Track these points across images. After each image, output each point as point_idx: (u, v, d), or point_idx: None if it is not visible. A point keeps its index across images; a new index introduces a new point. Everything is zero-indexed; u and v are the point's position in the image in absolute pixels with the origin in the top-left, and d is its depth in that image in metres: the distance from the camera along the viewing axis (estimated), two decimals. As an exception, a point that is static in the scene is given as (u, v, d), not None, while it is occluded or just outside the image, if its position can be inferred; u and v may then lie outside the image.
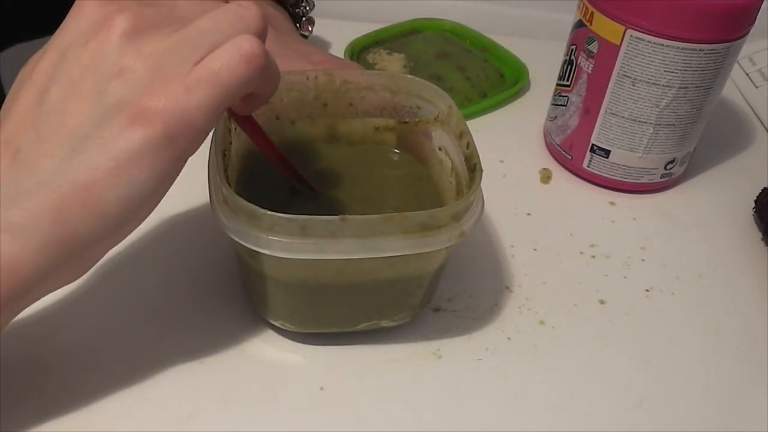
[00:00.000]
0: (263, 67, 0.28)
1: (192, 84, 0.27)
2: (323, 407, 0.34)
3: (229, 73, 0.27)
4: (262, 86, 0.30)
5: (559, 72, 0.50)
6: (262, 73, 0.28)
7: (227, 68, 0.27)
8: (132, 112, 0.26)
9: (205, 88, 0.27)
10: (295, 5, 0.57)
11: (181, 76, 0.27)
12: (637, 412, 0.36)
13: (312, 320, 0.36)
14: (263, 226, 0.30)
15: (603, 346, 0.39)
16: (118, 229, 0.29)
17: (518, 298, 0.41)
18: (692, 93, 0.45)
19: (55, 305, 0.37)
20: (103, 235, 0.28)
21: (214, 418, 0.33)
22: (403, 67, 0.58)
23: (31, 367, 0.34)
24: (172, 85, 0.27)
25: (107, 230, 0.28)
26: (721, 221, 0.49)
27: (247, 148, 0.39)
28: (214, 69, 0.27)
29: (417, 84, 0.40)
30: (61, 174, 0.27)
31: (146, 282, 0.39)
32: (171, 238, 0.42)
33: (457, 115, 0.38)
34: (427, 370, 0.37)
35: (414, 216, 0.31)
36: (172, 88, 0.27)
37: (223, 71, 0.27)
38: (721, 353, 0.39)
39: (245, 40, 0.27)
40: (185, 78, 0.27)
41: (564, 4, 0.54)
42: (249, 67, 0.27)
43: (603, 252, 0.45)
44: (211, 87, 0.27)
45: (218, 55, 0.27)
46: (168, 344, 0.36)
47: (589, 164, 0.50)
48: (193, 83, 0.27)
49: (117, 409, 0.33)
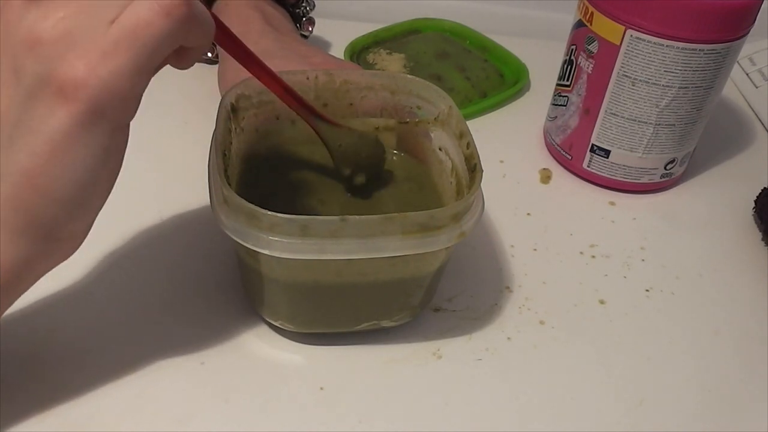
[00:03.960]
0: (186, 18, 0.25)
1: (108, 47, 0.24)
2: (323, 407, 0.34)
3: (146, 29, 0.25)
4: (192, 38, 0.27)
5: (559, 72, 0.50)
6: (187, 25, 0.25)
7: (144, 24, 0.24)
8: (53, 89, 0.25)
9: (123, 49, 0.24)
10: (295, 5, 0.57)
11: (96, 40, 0.24)
12: (637, 412, 0.36)
13: (312, 320, 0.36)
14: (263, 226, 0.30)
15: (603, 346, 0.39)
16: (81, 208, 0.27)
17: (518, 298, 0.41)
18: (692, 93, 0.45)
19: (54, 305, 0.37)
20: (67, 216, 0.27)
21: (214, 418, 0.33)
22: (403, 67, 0.58)
23: (31, 367, 0.34)
24: (88, 52, 0.24)
25: (69, 212, 0.27)
26: (721, 221, 0.49)
27: (248, 149, 0.39)
28: (130, 27, 0.24)
29: (417, 84, 0.40)
30: (7, 163, 0.26)
31: (146, 282, 0.39)
32: (171, 238, 0.42)
33: (457, 116, 0.38)
34: (427, 370, 0.37)
35: (414, 216, 0.31)
36: (89, 55, 0.24)
37: (140, 28, 0.24)
38: (721, 353, 0.39)
39: None
40: (101, 41, 0.24)
41: (564, 4, 0.54)
42: (169, 19, 0.25)
43: (603, 252, 0.45)
44: (129, 48, 0.25)
45: (133, 10, 0.25)
46: (168, 344, 0.36)
47: (589, 164, 0.50)
48: (110, 46, 0.24)
49: (117, 410, 0.33)
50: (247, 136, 0.39)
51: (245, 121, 0.38)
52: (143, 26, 0.25)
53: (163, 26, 0.25)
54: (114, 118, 0.26)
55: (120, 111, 0.26)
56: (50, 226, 0.27)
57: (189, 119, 0.51)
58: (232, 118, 0.37)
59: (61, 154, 0.25)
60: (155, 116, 0.51)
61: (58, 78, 0.24)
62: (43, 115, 0.25)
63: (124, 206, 0.41)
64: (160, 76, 0.28)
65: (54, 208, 0.26)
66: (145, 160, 0.47)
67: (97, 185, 0.27)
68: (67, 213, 0.27)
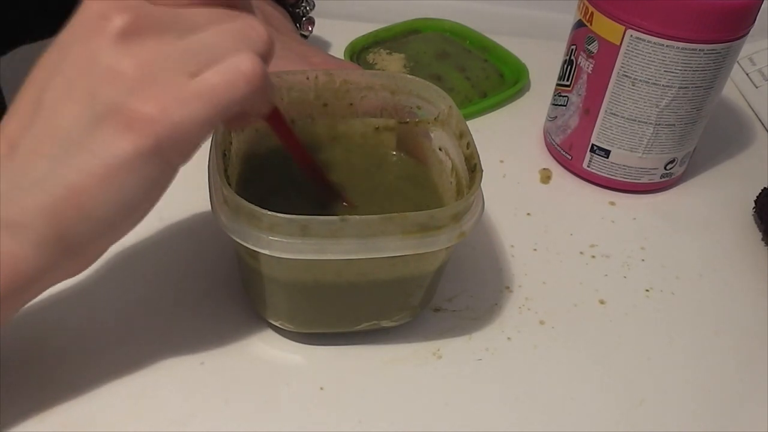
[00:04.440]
0: (261, 89, 0.27)
1: (188, 97, 0.26)
2: (323, 407, 0.34)
3: (226, 90, 0.27)
4: (256, 106, 0.29)
5: (559, 72, 0.50)
6: (260, 95, 0.28)
7: (225, 85, 0.27)
8: (123, 119, 0.26)
9: (200, 102, 0.26)
10: (295, 5, 0.57)
11: (176, 87, 0.26)
12: (637, 412, 0.36)
13: (312, 320, 0.36)
14: (263, 226, 0.30)
15: (603, 346, 0.39)
16: (112, 231, 0.29)
17: (518, 298, 0.41)
18: (692, 93, 0.45)
19: (55, 305, 0.37)
20: (97, 236, 0.28)
21: (214, 419, 0.33)
22: (403, 67, 0.58)
23: (31, 367, 0.34)
24: (166, 94, 0.26)
25: (100, 232, 0.28)
26: (721, 221, 0.49)
27: (248, 149, 0.39)
28: (212, 84, 0.26)
29: (417, 84, 0.40)
30: (54, 176, 0.27)
31: (146, 282, 0.39)
32: (171, 238, 0.42)
33: (457, 116, 0.38)
34: (427, 370, 0.37)
35: (414, 216, 0.31)
36: (166, 97, 0.26)
37: (221, 88, 0.26)
38: (721, 353, 0.39)
39: (247, 59, 0.27)
40: (181, 89, 0.26)
41: (564, 4, 0.54)
42: (247, 86, 0.27)
43: (603, 252, 0.45)
44: (206, 102, 0.26)
45: (218, 71, 0.27)
46: (168, 344, 0.36)
47: (589, 164, 0.50)
48: (189, 96, 0.26)
49: (117, 410, 0.33)
50: (247, 136, 0.39)
51: (245, 121, 0.38)
52: (223, 87, 0.27)
53: (242, 91, 0.27)
54: (171, 158, 0.27)
55: (178, 154, 0.28)
56: (77, 243, 0.28)
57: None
58: (232, 118, 0.37)
59: (113, 179, 0.27)
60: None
61: (130, 110, 0.26)
62: (106, 141, 0.26)
63: (124, 206, 0.41)
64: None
65: (88, 227, 0.27)
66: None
67: (133, 214, 0.29)
68: (98, 233, 0.28)
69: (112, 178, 0.26)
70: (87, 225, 0.27)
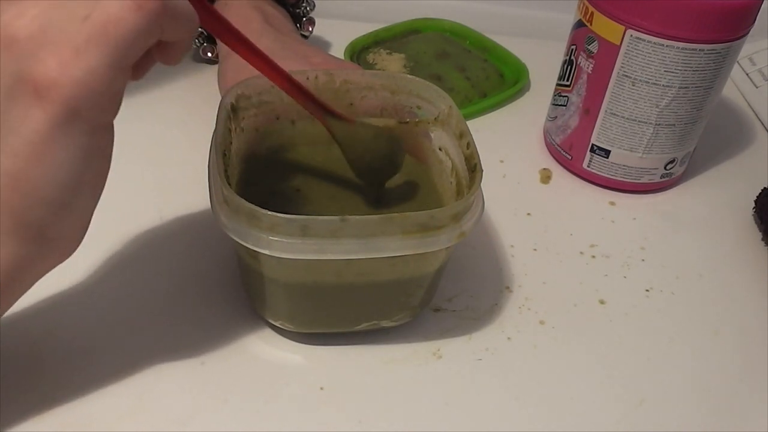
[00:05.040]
0: (159, 12, 0.25)
1: (81, 45, 0.24)
2: (323, 407, 0.34)
3: (117, 25, 0.24)
4: (170, 33, 0.26)
5: (559, 72, 0.50)
6: (161, 18, 0.25)
7: (115, 20, 0.24)
8: (28, 89, 0.24)
9: (95, 46, 0.24)
10: (296, 5, 0.57)
11: (69, 37, 0.24)
12: (637, 412, 0.36)
13: (312, 320, 0.36)
14: (263, 226, 0.30)
15: (603, 346, 0.39)
16: (68, 208, 0.27)
17: (518, 298, 0.41)
18: (692, 93, 0.45)
19: (54, 305, 0.37)
20: (57, 218, 0.27)
21: (214, 419, 0.33)
22: (403, 67, 0.58)
23: (31, 367, 0.34)
24: (62, 49, 0.24)
25: (55, 212, 0.27)
26: (721, 221, 0.49)
27: (248, 149, 0.39)
28: (100, 23, 0.24)
29: (417, 84, 0.40)
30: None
31: (146, 282, 0.39)
32: (171, 238, 0.42)
33: (457, 116, 0.38)
34: (427, 370, 0.37)
35: (414, 216, 0.31)
36: (62, 53, 0.24)
37: (111, 24, 0.24)
38: (721, 353, 0.39)
39: None
40: (74, 38, 0.24)
41: (564, 4, 0.54)
42: (140, 13, 0.24)
43: (603, 252, 0.45)
44: (101, 45, 0.24)
45: (103, 6, 0.24)
46: (168, 344, 0.36)
47: (589, 164, 0.50)
48: (82, 43, 0.24)
49: (117, 410, 0.33)
50: (247, 136, 0.39)
51: (245, 121, 0.38)
52: (114, 22, 0.24)
53: (135, 21, 0.24)
54: (91, 117, 0.25)
55: (97, 110, 0.26)
56: (37, 227, 0.27)
57: (189, 119, 0.51)
58: (232, 118, 0.37)
59: (41, 156, 0.25)
60: (155, 116, 0.51)
61: (32, 77, 0.24)
62: (21, 116, 0.25)
63: (124, 206, 0.41)
64: (159, 76, 0.28)
65: (39, 210, 0.26)
66: (145, 160, 0.47)
67: (82, 186, 0.27)
68: (53, 214, 0.27)
69: (40, 154, 0.25)
70: (37, 209, 0.26)
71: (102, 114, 0.26)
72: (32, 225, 0.26)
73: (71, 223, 0.28)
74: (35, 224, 0.27)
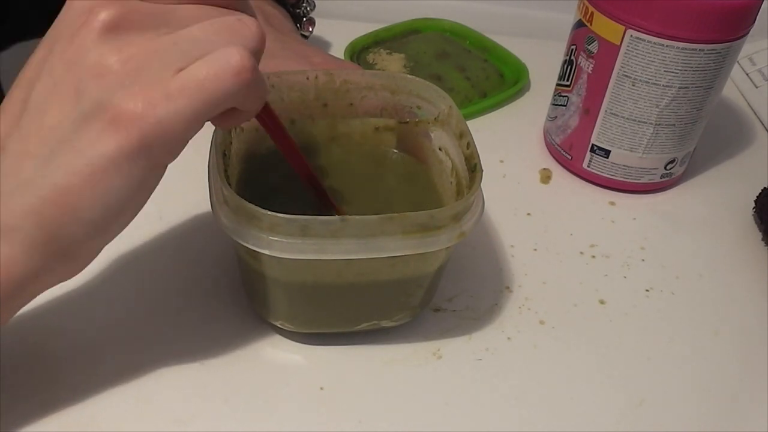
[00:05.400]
0: (250, 83, 0.26)
1: (173, 91, 0.25)
2: (323, 407, 0.34)
3: (213, 83, 0.26)
4: (246, 102, 0.28)
5: (559, 72, 0.50)
6: (249, 89, 0.26)
7: (213, 78, 0.26)
8: (108, 117, 0.25)
9: (186, 96, 0.25)
10: (296, 5, 0.57)
11: (162, 82, 0.25)
12: (637, 412, 0.36)
13: (312, 320, 0.36)
14: (263, 227, 0.30)
15: (603, 346, 0.39)
16: (102, 232, 0.28)
17: (518, 298, 0.41)
18: (692, 93, 0.45)
19: (55, 306, 0.37)
20: (87, 238, 0.28)
21: (214, 419, 0.33)
22: (403, 67, 0.58)
23: (31, 368, 0.34)
24: (152, 90, 0.25)
25: (90, 234, 0.27)
26: (721, 221, 0.49)
27: (248, 149, 0.39)
28: (199, 77, 0.25)
29: (417, 84, 0.40)
30: (41, 176, 0.26)
31: (146, 282, 0.39)
32: (171, 238, 0.42)
33: (457, 116, 0.38)
34: (427, 370, 0.37)
35: (414, 216, 0.31)
36: (152, 93, 0.25)
37: (208, 81, 0.25)
38: (721, 353, 0.39)
39: (236, 52, 0.26)
40: (167, 84, 0.25)
41: (564, 4, 0.54)
42: (236, 80, 0.26)
43: (603, 252, 0.45)
44: (192, 96, 0.26)
45: (205, 64, 0.26)
46: (168, 345, 0.36)
47: (589, 164, 0.50)
48: (175, 90, 0.25)
49: (117, 411, 0.33)
50: (247, 136, 0.39)
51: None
52: (211, 80, 0.26)
53: (230, 84, 0.26)
54: (158, 157, 0.27)
55: (165, 152, 0.27)
56: (67, 245, 0.27)
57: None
58: (232, 118, 0.37)
59: (98, 179, 0.26)
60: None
61: (116, 107, 0.25)
62: (92, 139, 0.26)
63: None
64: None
65: (76, 228, 0.27)
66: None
67: (122, 214, 0.28)
68: (88, 235, 0.27)
69: (97, 177, 0.26)
70: (76, 226, 0.27)
71: (167, 156, 0.27)
72: (62, 241, 0.27)
73: (95, 247, 0.29)
74: (65, 241, 0.27)
